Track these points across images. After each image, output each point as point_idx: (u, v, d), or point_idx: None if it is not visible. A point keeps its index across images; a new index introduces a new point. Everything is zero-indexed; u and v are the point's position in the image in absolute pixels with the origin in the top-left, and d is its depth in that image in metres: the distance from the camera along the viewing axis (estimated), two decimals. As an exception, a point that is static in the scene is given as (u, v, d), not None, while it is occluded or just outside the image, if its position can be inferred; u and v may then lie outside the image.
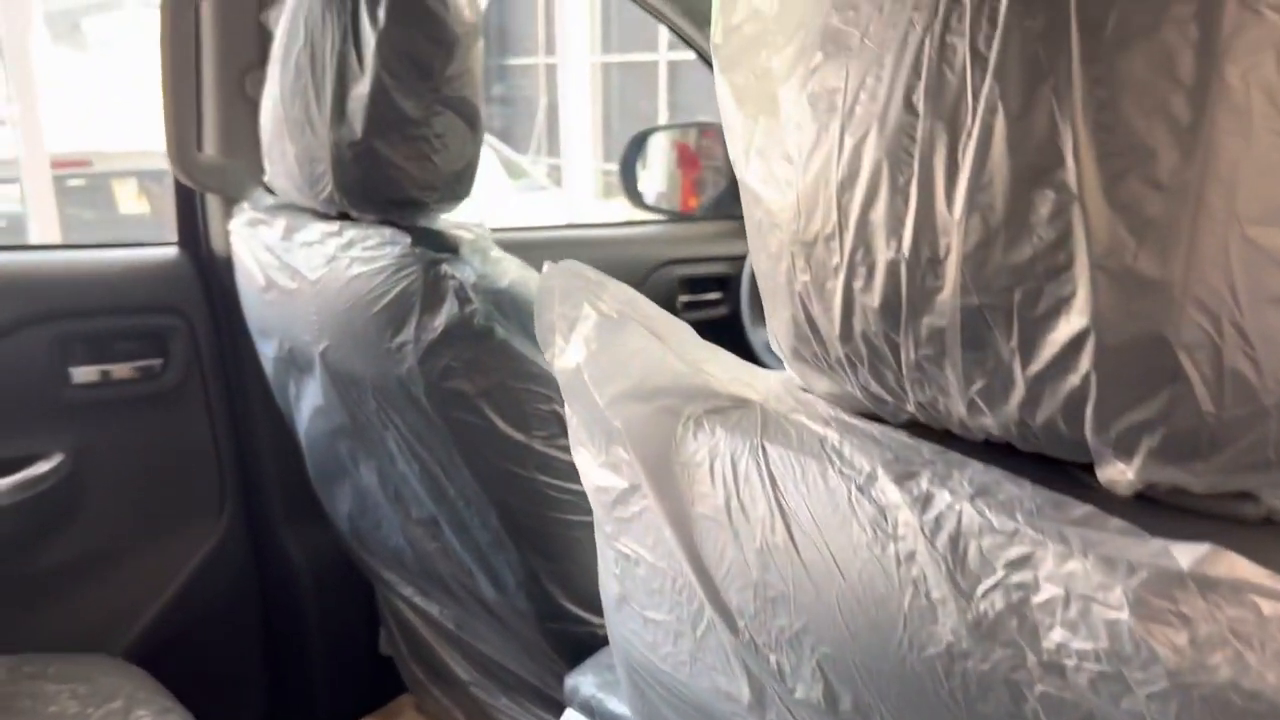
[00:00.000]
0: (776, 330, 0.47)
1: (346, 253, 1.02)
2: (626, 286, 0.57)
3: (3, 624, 1.34)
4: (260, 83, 1.34)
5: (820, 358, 0.44)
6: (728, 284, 1.94)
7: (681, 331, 0.56)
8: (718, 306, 1.93)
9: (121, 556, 1.45)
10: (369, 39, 0.98)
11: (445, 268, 0.96)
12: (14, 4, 5.33)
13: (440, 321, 0.96)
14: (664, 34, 6.29)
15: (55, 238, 5.16)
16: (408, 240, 0.99)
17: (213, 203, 1.47)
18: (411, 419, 1.04)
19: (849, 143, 0.38)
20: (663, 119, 8.33)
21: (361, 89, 1.00)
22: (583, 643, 1.08)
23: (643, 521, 0.53)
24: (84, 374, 1.40)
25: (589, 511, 1.05)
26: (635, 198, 2.05)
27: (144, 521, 1.48)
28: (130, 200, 5.76)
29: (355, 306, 1.01)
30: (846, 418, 0.46)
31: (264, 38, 1.38)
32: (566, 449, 1.04)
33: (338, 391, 1.12)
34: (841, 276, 0.40)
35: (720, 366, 0.53)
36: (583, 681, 1.00)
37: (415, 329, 0.97)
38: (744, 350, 1.89)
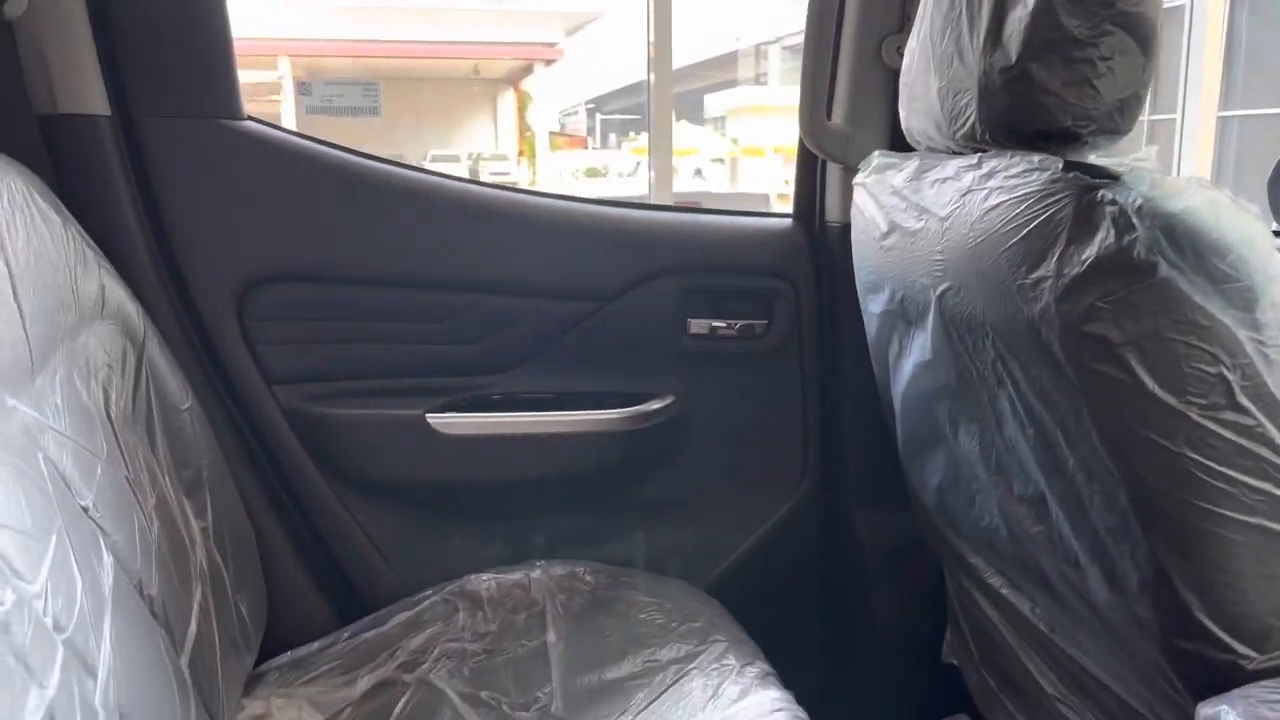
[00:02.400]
0: None
1: (985, 184, 0.95)
2: None
3: (607, 537, 1.48)
4: (897, 48, 1.34)
5: None
6: None
7: None
8: None
9: (713, 499, 1.53)
10: (1038, -49, 0.90)
11: (1103, 193, 0.84)
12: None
13: (1090, 253, 0.84)
14: None
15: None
16: (1058, 165, 0.89)
17: (832, 174, 1.50)
18: (1035, 371, 0.93)
19: None
20: None
21: (1022, 10, 0.93)
22: (1219, 673, 0.87)
23: None
24: (699, 325, 1.51)
25: (1252, 510, 0.86)
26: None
27: (732, 472, 1.55)
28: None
29: (988, 240, 0.93)
30: None
31: (906, 3, 1.38)
32: (1230, 424, 0.86)
33: (949, 342, 1.05)
34: None
35: None
36: (1225, 713, 0.81)
37: (1057, 262, 0.86)
38: None
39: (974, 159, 0.99)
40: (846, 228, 1.31)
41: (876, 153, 1.21)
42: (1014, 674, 1.20)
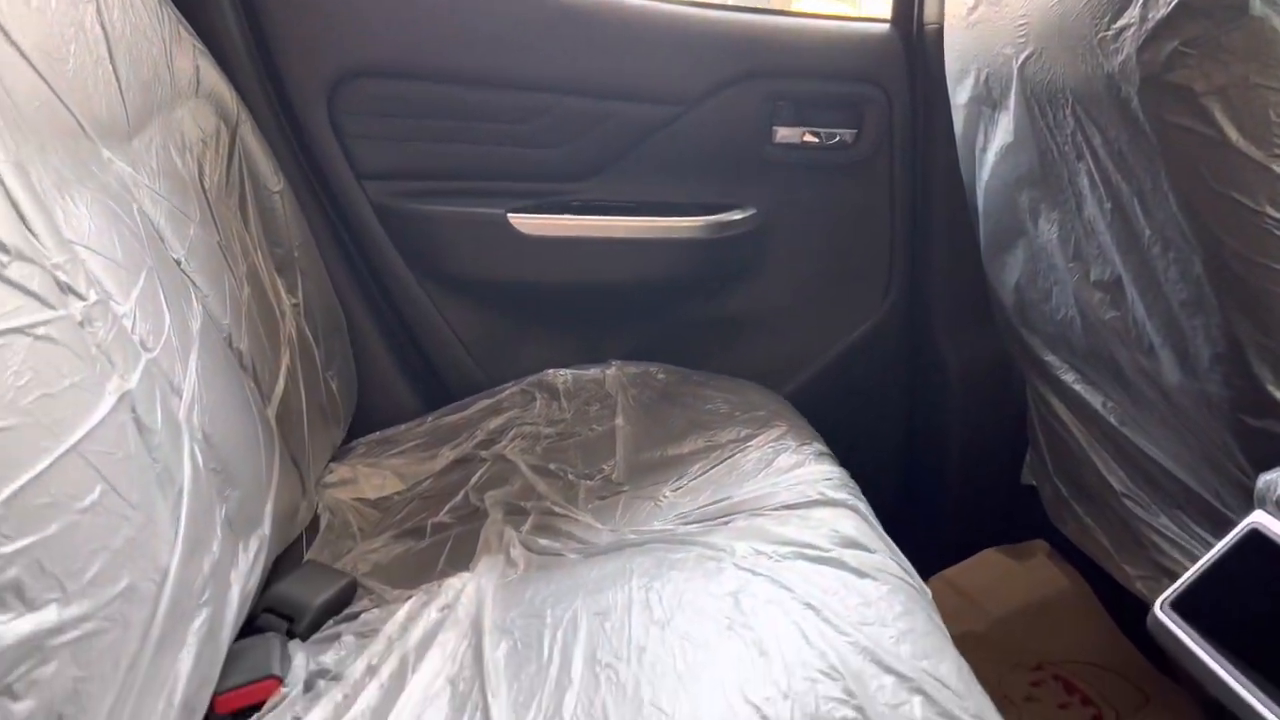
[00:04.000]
0: None
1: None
2: None
3: (684, 345, 1.49)
4: None
5: None
6: None
7: None
8: None
9: (793, 313, 1.52)
10: None
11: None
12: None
13: (1177, -7, 0.78)
14: None
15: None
16: (1149, -97, 0.82)
17: (929, -26, 1.42)
18: (1114, 134, 0.88)
19: None
20: None
21: None
22: (1289, 453, 0.84)
23: None
24: (785, 134, 1.47)
25: (1333, 275, 0.81)
26: None
27: (813, 287, 1.54)
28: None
29: (1071, -7, 0.88)
30: None
31: None
32: (1319, 182, 0.80)
33: (1030, 119, 1.00)
34: None
35: None
36: (1282, 477, 0.79)
37: (1141, 7, 0.81)
38: None
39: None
40: (944, 31, 1.25)
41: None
42: (1085, 477, 1.18)
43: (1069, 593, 1.48)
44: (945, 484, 1.57)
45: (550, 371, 1.38)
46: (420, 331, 1.45)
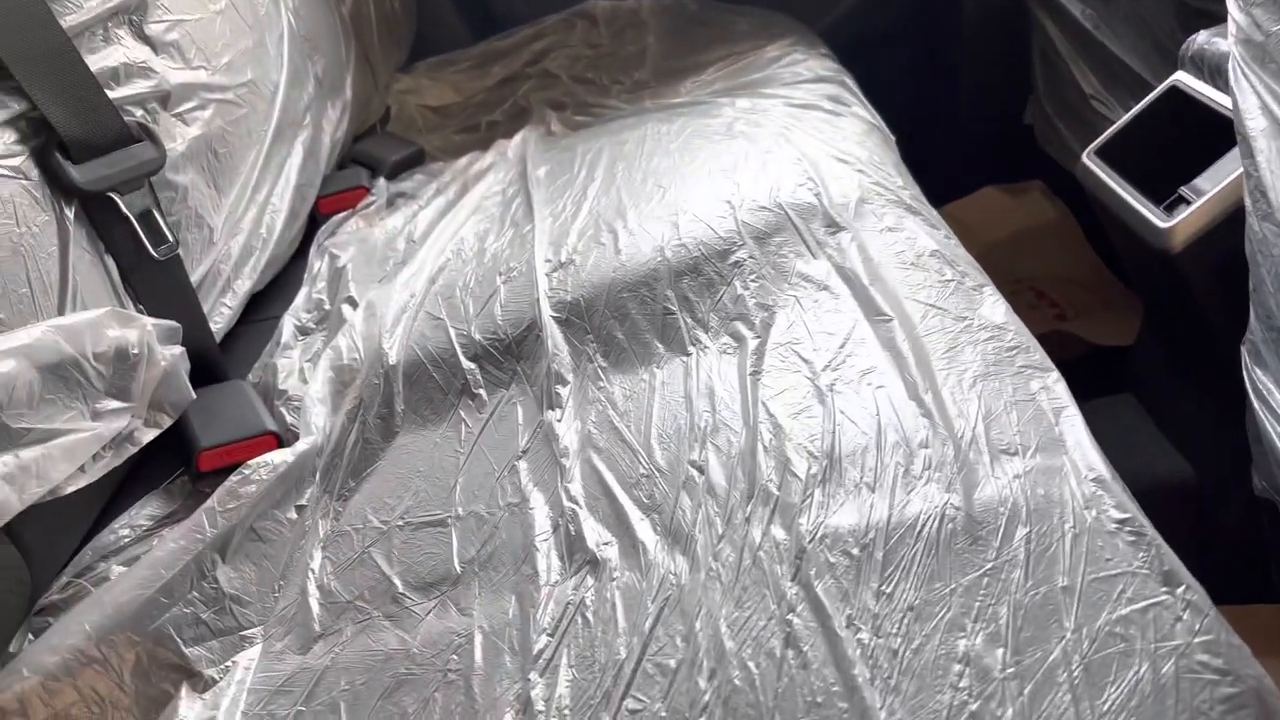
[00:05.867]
0: None
1: None
2: None
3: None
4: None
5: None
6: None
7: None
8: None
9: None
10: None
11: None
12: None
13: None
14: None
15: None
16: None
17: None
18: None
19: None
20: None
21: None
22: None
23: None
24: None
25: None
26: None
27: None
28: None
29: None
30: None
31: None
32: None
33: None
34: None
35: None
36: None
37: None
38: None
39: None
40: None
41: None
42: (1066, 93, 1.31)
43: (1055, 223, 1.64)
44: (955, 124, 1.69)
45: (590, 2, 1.51)
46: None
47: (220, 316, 0.85)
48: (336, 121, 1.07)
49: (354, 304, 0.88)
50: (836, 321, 0.75)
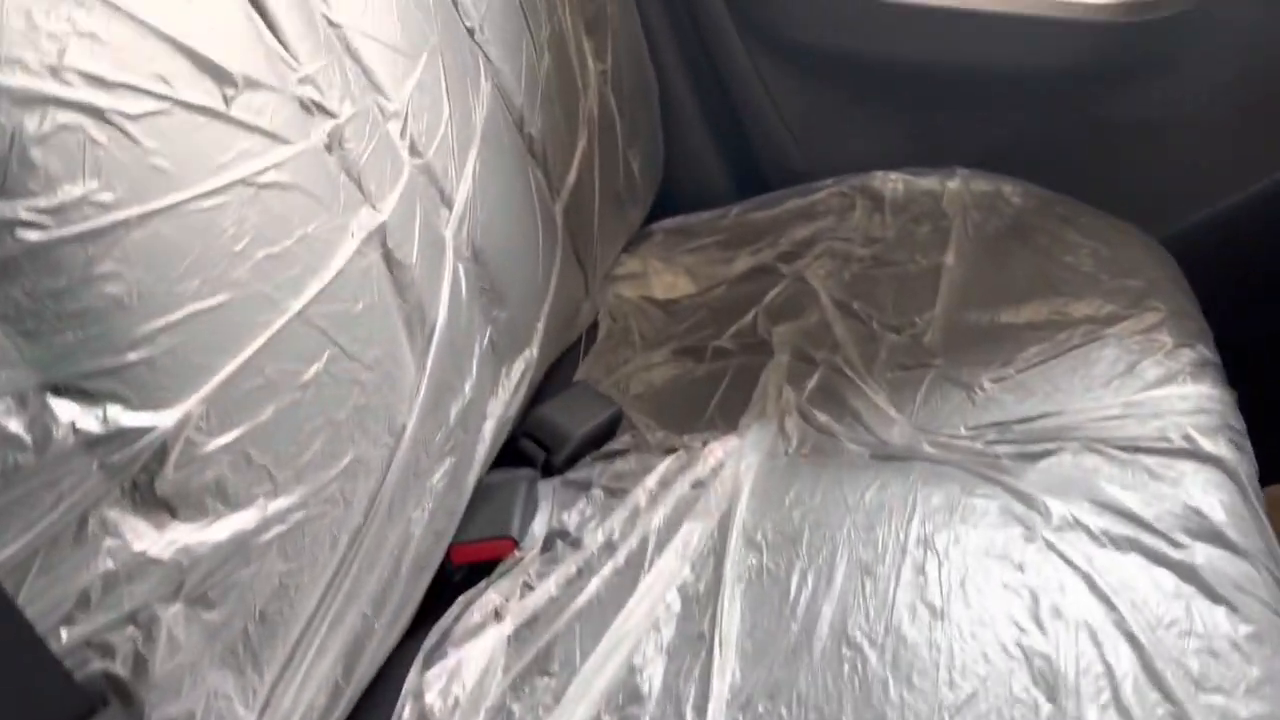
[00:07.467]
0: None
1: None
2: None
3: (1051, 155, 1.21)
4: None
5: None
6: None
7: None
8: None
9: (1205, 132, 1.18)
10: None
11: None
12: None
13: None
14: None
15: None
16: None
17: None
18: None
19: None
20: None
21: None
22: None
23: None
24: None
25: None
26: None
27: (1246, 102, 1.17)
28: None
29: None
30: None
31: None
32: None
33: None
34: None
35: None
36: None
37: None
38: None
39: None
40: None
41: None
42: None
43: None
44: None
45: (879, 174, 1.18)
46: (741, 106, 1.27)
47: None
48: (508, 400, 0.82)
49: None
50: None
